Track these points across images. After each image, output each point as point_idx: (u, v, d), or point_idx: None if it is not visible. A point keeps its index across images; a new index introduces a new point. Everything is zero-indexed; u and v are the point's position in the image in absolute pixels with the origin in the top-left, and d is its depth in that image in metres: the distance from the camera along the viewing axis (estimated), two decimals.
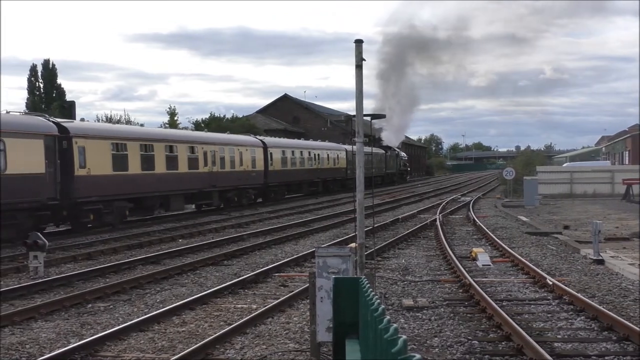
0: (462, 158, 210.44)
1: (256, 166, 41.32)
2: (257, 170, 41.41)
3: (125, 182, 27.78)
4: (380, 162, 67.21)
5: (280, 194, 46.40)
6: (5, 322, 11.44)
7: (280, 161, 45.74)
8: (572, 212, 34.16)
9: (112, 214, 26.95)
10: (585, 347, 9.69)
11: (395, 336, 3.14)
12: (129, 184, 28.04)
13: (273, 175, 44.05)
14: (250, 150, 40.78)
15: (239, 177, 38.70)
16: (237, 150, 39.06)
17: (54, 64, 63.02)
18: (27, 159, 22.63)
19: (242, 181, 39.12)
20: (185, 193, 32.97)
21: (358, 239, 11.86)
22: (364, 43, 11.63)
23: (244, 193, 39.85)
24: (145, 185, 29.22)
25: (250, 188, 40.58)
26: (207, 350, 9.54)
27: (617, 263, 16.47)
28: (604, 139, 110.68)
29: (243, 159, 39.62)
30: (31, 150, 22.79)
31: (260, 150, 42.28)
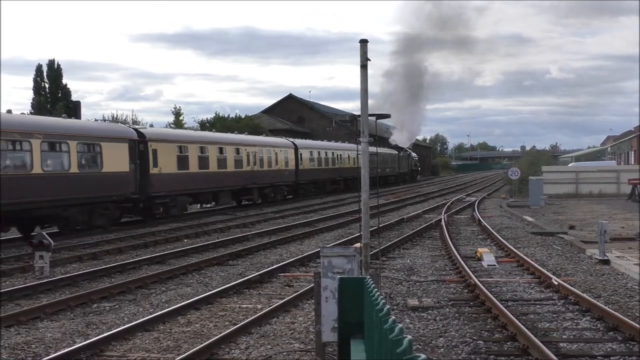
0: (467, 158, 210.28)
1: (288, 165, 45.53)
2: (289, 169, 45.62)
3: (186, 180, 32.14)
4: (393, 162, 72.34)
5: (308, 191, 50.30)
6: (11, 321, 11.47)
7: (308, 161, 49.74)
8: (578, 212, 34.09)
9: (176, 207, 31.35)
10: (590, 348, 9.66)
11: (400, 336, 3.14)
12: (189, 181, 32.38)
13: (303, 174, 48.10)
14: (283, 151, 44.93)
15: (275, 175, 42.94)
16: (273, 151, 43.23)
17: (59, 64, 63.27)
18: (117, 160, 27.03)
19: (277, 179, 43.30)
20: (232, 189, 37.25)
21: (363, 239, 11.86)
22: (369, 43, 11.63)
23: (278, 190, 43.96)
24: (201, 182, 33.55)
25: (283, 185, 44.82)
26: (212, 350, 9.55)
27: (623, 263, 16.43)
28: (609, 139, 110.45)
29: (278, 159, 43.78)
30: (119, 152, 27.22)
31: (292, 150, 46.34)
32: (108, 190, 26.34)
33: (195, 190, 33.29)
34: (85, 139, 25.76)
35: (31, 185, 22.58)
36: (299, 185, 47.80)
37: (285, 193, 45.60)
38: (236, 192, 38.43)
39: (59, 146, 24.33)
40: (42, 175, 23.13)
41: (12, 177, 22.03)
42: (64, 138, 24.48)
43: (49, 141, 23.69)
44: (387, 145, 75.55)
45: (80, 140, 25.28)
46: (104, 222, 26.50)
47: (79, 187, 24.87)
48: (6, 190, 21.24)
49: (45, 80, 62.27)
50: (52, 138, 23.90)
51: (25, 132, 22.68)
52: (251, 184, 39.28)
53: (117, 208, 27.73)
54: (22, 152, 22.76)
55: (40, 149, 23.04)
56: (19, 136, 22.36)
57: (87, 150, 25.93)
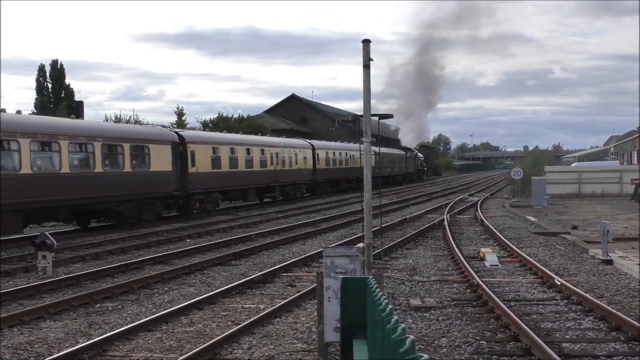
0: (470, 158, 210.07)
1: (307, 165, 48.39)
2: (308, 169, 48.55)
3: (219, 178, 34.82)
4: (401, 162, 75.65)
5: (324, 189, 52.64)
6: (14, 321, 11.48)
7: (324, 161, 52.49)
8: (581, 212, 34.06)
9: (210, 203, 34.10)
10: (593, 348, 9.66)
11: (403, 336, 3.14)
12: (221, 179, 35.11)
13: (320, 173, 51.05)
14: (302, 152, 47.75)
15: (295, 174, 45.93)
16: (293, 152, 46.10)
17: (62, 64, 63.21)
18: (161, 160, 29.77)
19: (297, 178, 46.33)
20: (257, 187, 40.23)
21: (366, 239, 11.86)
22: (372, 43, 11.62)
23: (297, 188, 46.85)
24: (232, 180, 36.41)
25: (302, 183, 47.80)
26: (214, 350, 9.55)
27: (626, 263, 16.42)
28: (612, 139, 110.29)
29: (297, 159, 46.63)
30: (163, 153, 30.02)
31: (309, 151, 49.24)
32: (154, 188, 29.27)
33: (227, 188, 36.18)
34: (136, 142, 28.56)
35: (93, 183, 25.39)
36: (316, 184, 50.50)
37: (303, 191, 48.41)
38: (261, 189, 41.19)
39: (115, 148, 27.18)
40: (102, 174, 26.04)
41: (78, 176, 24.90)
42: (120, 141, 27.36)
43: (108, 144, 26.59)
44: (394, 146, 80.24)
45: (132, 142, 28.09)
46: (150, 217, 29.23)
47: (131, 185, 27.61)
48: (74, 187, 24.39)
49: (48, 80, 62.26)
50: (110, 141, 26.82)
51: (90, 135, 25.76)
52: (274, 183, 42.18)
53: (161, 204, 30.49)
54: (86, 153, 25.66)
55: (101, 151, 25.99)
56: (85, 139, 25.40)
57: (137, 151, 28.61)
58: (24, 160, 22.19)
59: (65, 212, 25.09)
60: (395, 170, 72.33)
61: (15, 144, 21.96)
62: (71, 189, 24.17)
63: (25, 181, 22.15)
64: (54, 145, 23.73)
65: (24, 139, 22.18)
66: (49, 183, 23.29)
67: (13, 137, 21.92)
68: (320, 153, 51.26)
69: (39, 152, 23.39)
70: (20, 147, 22.06)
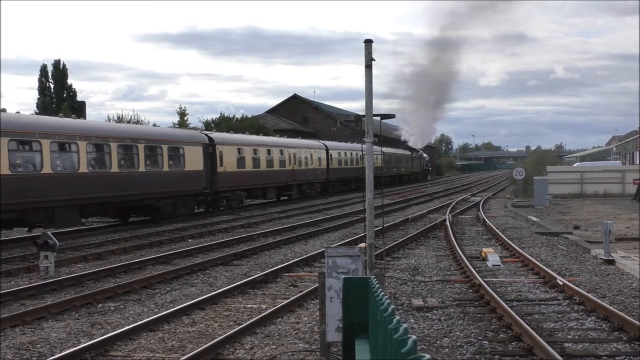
0: (472, 158, 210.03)
1: (321, 165, 51.01)
2: (322, 168, 51.17)
3: (243, 177, 37.48)
4: (407, 162, 78.96)
5: (337, 188, 54.93)
6: (16, 321, 11.49)
7: (337, 161, 54.99)
8: (583, 212, 34.02)
9: (236, 200, 36.97)
10: (595, 348, 9.65)
11: (405, 336, 3.13)
12: (245, 178, 37.71)
13: (332, 172, 53.37)
14: (317, 152, 50.28)
15: (310, 173, 48.49)
16: (309, 152, 48.58)
17: (64, 64, 63.22)
18: (194, 160, 32.32)
19: (312, 177, 48.93)
20: (277, 185, 42.62)
21: (367, 239, 11.86)
22: (374, 43, 11.62)
23: (312, 186, 49.37)
24: (254, 179, 39.06)
25: (317, 182, 50.22)
26: (216, 350, 9.55)
27: (628, 263, 16.40)
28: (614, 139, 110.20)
29: (312, 159, 49.09)
30: (196, 154, 32.60)
31: (323, 151, 51.73)
32: (188, 186, 31.86)
33: (250, 186, 38.87)
34: (173, 143, 31.12)
35: (137, 181, 27.88)
36: (329, 183, 52.79)
37: (318, 189, 50.60)
38: (280, 188, 43.64)
39: (155, 149, 29.70)
40: (145, 173, 28.58)
41: (125, 175, 27.37)
42: (160, 142, 29.99)
43: (149, 145, 29.15)
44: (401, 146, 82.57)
45: (169, 144, 30.69)
46: (184, 212, 31.78)
47: (169, 183, 30.16)
48: (121, 185, 26.81)
49: (50, 81, 62.26)
50: (151, 143, 29.35)
51: (134, 138, 28.35)
52: (292, 181, 44.79)
53: (193, 200, 33.08)
54: (131, 154, 28.10)
55: (143, 152, 28.50)
56: (130, 142, 27.96)
57: (174, 152, 31.08)
58: (81, 160, 24.86)
59: (113, 208, 27.70)
60: (402, 170, 75.78)
61: (75, 146, 24.63)
62: (119, 186, 26.72)
63: (81, 179, 24.74)
64: (105, 147, 26.35)
65: (81, 142, 24.88)
66: (101, 181, 25.91)
67: (73, 140, 24.54)
68: (333, 153, 53.69)
69: (93, 153, 26.01)
70: (79, 148, 24.74)
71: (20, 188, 21.79)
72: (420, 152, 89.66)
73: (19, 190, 21.63)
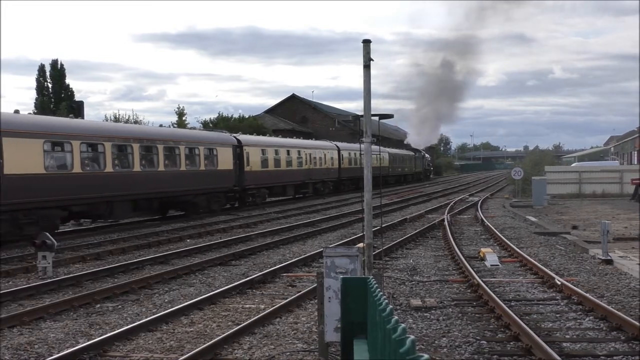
0: (470, 158, 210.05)
1: (333, 164, 54.00)
2: (334, 168, 54.25)
3: (266, 176, 40.97)
4: (410, 162, 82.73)
5: (348, 187, 57.04)
6: (14, 322, 11.48)
7: (348, 160, 57.51)
8: (581, 212, 34.05)
9: (260, 197, 40.37)
10: (594, 347, 9.66)
11: (403, 336, 3.14)
12: (268, 177, 41.23)
13: (344, 172, 56.14)
14: (330, 153, 53.38)
15: (324, 172, 51.74)
16: (323, 153, 51.84)
17: (62, 64, 63.13)
18: (225, 160, 35.76)
19: (326, 175, 52.25)
20: (294, 184, 46.06)
21: (366, 239, 11.86)
22: (372, 43, 11.62)
23: (326, 184, 52.39)
24: (276, 178, 42.46)
25: (330, 181, 53.31)
26: (215, 350, 9.55)
27: (626, 263, 16.41)
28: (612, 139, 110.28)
29: (326, 158, 52.24)
30: (227, 154, 36.00)
31: (335, 152, 54.79)
32: (220, 183, 35.09)
33: (272, 184, 42.19)
34: (208, 145, 34.35)
35: (179, 179, 31.08)
36: (340, 182, 55.67)
37: (331, 187, 53.63)
38: (297, 186, 46.95)
39: (194, 150, 32.93)
40: (185, 172, 31.79)
41: (170, 173, 30.54)
42: (197, 144, 33.30)
43: (189, 147, 32.48)
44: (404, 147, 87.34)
45: (205, 145, 34.00)
46: (217, 207, 34.98)
47: (204, 181, 33.21)
48: (167, 182, 29.94)
49: (48, 80, 62.18)
50: (190, 144, 32.75)
51: (177, 140, 31.79)
52: (308, 180, 48.15)
53: (224, 197, 36.25)
54: (174, 154, 31.24)
55: (184, 153, 31.82)
56: (173, 143, 31.31)
57: (209, 153, 34.26)
58: (135, 161, 28.05)
59: (158, 203, 30.66)
60: (406, 170, 79.70)
61: (130, 148, 27.88)
62: (164, 183, 29.81)
63: (135, 177, 27.88)
64: (153, 149, 29.58)
65: (135, 144, 28.08)
66: (150, 179, 28.91)
67: (128, 142, 27.83)
68: (344, 154, 56.46)
69: (144, 154, 29.01)
70: (133, 150, 28.00)
71: (88, 185, 25.12)
72: (422, 152, 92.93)
73: (87, 187, 25.01)
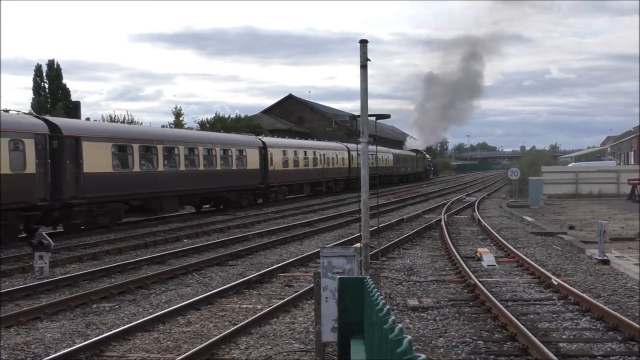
0: (467, 158, 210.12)
1: (345, 164, 57.44)
2: (345, 167, 57.50)
3: (287, 175, 45.05)
4: (413, 162, 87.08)
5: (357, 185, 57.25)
6: (10, 322, 11.46)
7: (356, 161, 55.38)
8: (578, 212, 34.09)
9: (281, 194, 44.29)
10: (590, 348, 9.67)
11: (400, 336, 3.14)
12: (289, 175, 45.28)
13: (354, 171, 57.19)
14: (341, 153, 56.88)
15: (336, 172, 55.40)
16: (335, 153, 55.46)
17: (58, 64, 63.08)
18: (253, 160, 39.69)
19: (337, 175, 55.87)
20: (310, 182, 50.00)
21: (363, 239, 11.86)
22: (369, 43, 11.62)
23: (337, 183, 56.15)
24: (295, 177, 46.50)
25: (341, 180, 56.93)
26: (212, 350, 9.55)
27: (623, 263, 16.43)
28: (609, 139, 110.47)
29: (337, 159, 55.99)
30: (254, 155, 39.95)
31: (346, 152, 58.26)
32: (249, 181, 39.07)
33: (292, 182, 46.08)
34: (239, 147, 38.35)
35: (215, 177, 34.83)
36: (350, 180, 58.04)
37: (342, 186, 57.05)
38: (312, 184, 50.67)
39: (227, 151, 36.68)
40: (220, 171, 35.58)
41: (208, 172, 34.13)
42: (230, 146, 37.21)
43: (223, 148, 36.30)
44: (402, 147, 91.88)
45: (236, 147, 38.05)
46: (246, 203, 38.98)
47: (236, 179, 37.21)
48: (206, 180, 33.64)
49: (45, 80, 62.10)
50: (224, 146, 36.57)
51: (213, 142, 35.69)
52: (322, 178, 52.21)
53: (251, 193, 40.36)
54: (211, 155, 34.91)
55: (219, 154, 35.57)
56: (211, 145, 35.07)
57: (240, 154, 38.17)
58: (180, 161, 31.84)
59: (199, 199, 35.00)
60: (408, 169, 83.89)
61: (177, 149, 31.65)
62: (204, 181, 33.52)
63: (181, 175, 31.68)
64: (195, 150, 33.30)
65: (181, 146, 32.01)
66: (193, 177, 32.60)
67: (176, 145, 31.77)
68: (354, 154, 57.41)
69: (188, 155, 32.65)
70: (179, 152, 31.76)
71: (145, 182, 28.69)
72: (423, 152, 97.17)
73: (143, 184, 28.56)
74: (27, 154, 22.75)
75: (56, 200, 23.93)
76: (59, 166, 24.07)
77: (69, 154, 24.53)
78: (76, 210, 24.99)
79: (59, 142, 24.20)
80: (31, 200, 22.88)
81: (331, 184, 54.84)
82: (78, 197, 24.76)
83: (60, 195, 24.01)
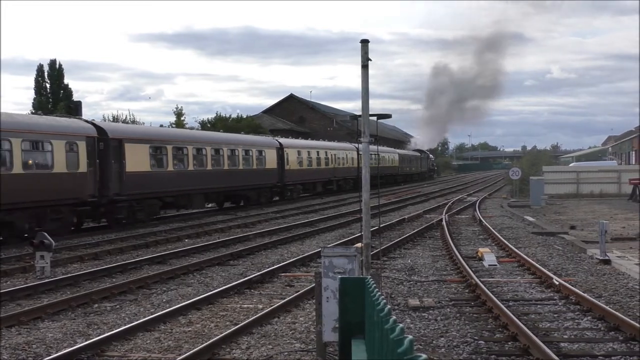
0: (468, 158, 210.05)
1: (354, 164, 58.73)
2: (354, 167, 58.63)
3: (302, 174, 47.73)
4: (417, 162, 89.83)
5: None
6: (12, 322, 11.47)
7: None
8: (579, 212, 34.08)
9: (296, 192, 46.73)
10: (592, 347, 9.66)
11: (401, 336, 3.14)
12: (303, 174, 48.04)
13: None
14: (350, 153, 58.98)
15: (345, 171, 57.60)
16: (344, 153, 57.97)
17: (60, 64, 63.05)
18: (271, 160, 42.12)
19: (347, 174, 57.79)
20: (322, 181, 52.62)
21: (364, 239, 11.86)
22: (370, 43, 11.62)
23: (347, 182, 58.12)
24: (309, 175, 49.15)
25: (350, 178, 58.51)
26: (213, 350, 9.55)
27: (624, 263, 16.42)
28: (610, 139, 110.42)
29: (347, 158, 58.38)
30: (272, 155, 42.33)
31: (354, 152, 58.84)
32: (267, 180, 41.38)
33: (306, 181, 48.70)
34: (259, 147, 40.76)
35: (237, 176, 37.24)
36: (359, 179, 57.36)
37: (351, 184, 58.13)
38: (324, 183, 53.08)
39: (248, 152, 39.12)
40: (242, 170, 37.95)
41: (231, 171, 36.56)
42: (250, 147, 39.70)
43: (245, 149, 38.78)
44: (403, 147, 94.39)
45: (257, 147, 40.52)
46: (264, 201, 41.02)
47: (255, 177, 39.66)
48: (229, 179, 36.04)
49: (47, 80, 62.09)
50: (246, 147, 39.05)
51: (236, 144, 38.06)
52: (333, 177, 54.78)
53: (269, 192, 42.44)
54: (234, 155, 37.26)
55: (241, 154, 37.99)
56: (234, 146, 37.56)
57: (259, 154, 40.49)
58: (207, 161, 34.28)
59: (222, 196, 37.50)
60: (413, 169, 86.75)
61: (205, 150, 34.19)
62: (227, 180, 35.94)
63: (208, 174, 34.05)
64: (220, 151, 35.81)
65: (208, 147, 34.55)
66: (218, 175, 35.02)
67: (204, 145, 34.23)
68: None
69: (214, 155, 35.07)
70: (207, 152, 34.28)
71: (177, 180, 31.20)
72: (427, 153, 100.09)
73: (176, 182, 31.08)
74: (80, 155, 25.10)
75: (103, 196, 26.26)
76: (105, 166, 26.53)
77: (113, 155, 26.96)
78: (119, 206, 27.23)
79: (105, 144, 26.55)
80: (82, 197, 25.14)
81: (341, 183, 57.17)
82: (121, 194, 27.14)
83: (107, 192, 26.41)
